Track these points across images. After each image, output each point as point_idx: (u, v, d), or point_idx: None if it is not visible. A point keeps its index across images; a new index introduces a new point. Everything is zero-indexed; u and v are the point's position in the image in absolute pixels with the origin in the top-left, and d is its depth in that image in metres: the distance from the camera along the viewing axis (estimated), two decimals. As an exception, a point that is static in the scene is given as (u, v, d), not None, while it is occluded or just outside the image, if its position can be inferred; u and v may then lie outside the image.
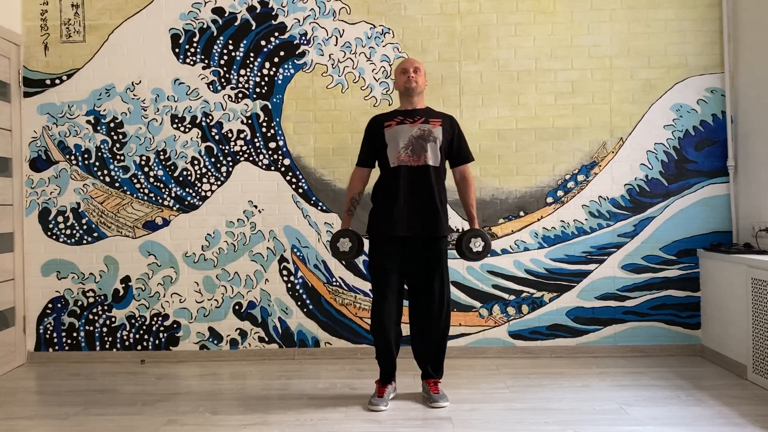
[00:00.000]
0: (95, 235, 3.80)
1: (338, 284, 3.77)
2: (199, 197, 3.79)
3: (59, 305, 3.81)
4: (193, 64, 3.78)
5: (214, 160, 3.78)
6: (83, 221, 3.80)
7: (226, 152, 3.78)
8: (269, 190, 3.78)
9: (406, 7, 3.74)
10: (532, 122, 3.74)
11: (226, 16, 3.77)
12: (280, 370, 3.54)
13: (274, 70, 3.77)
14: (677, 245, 3.70)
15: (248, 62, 3.77)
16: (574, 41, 3.72)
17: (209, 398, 3.05)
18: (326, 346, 3.77)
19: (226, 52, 3.77)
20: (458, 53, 3.75)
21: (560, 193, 3.73)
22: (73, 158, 3.80)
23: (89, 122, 3.80)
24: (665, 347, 3.68)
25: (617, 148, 3.72)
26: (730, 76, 3.66)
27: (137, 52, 3.78)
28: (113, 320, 3.80)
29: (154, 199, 3.79)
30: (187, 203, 3.79)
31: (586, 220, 3.73)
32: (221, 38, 3.77)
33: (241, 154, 3.78)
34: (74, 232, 3.80)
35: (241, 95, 3.77)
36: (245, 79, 3.77)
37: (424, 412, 2.80)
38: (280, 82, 3.77)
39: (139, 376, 3.48)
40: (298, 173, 3.78)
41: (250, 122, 3.77)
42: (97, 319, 3.81)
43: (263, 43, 3.77)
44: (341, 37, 3.76)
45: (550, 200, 3.74)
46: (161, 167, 3.79)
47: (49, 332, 3.81)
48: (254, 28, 3.77)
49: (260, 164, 3.78)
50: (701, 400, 2.88)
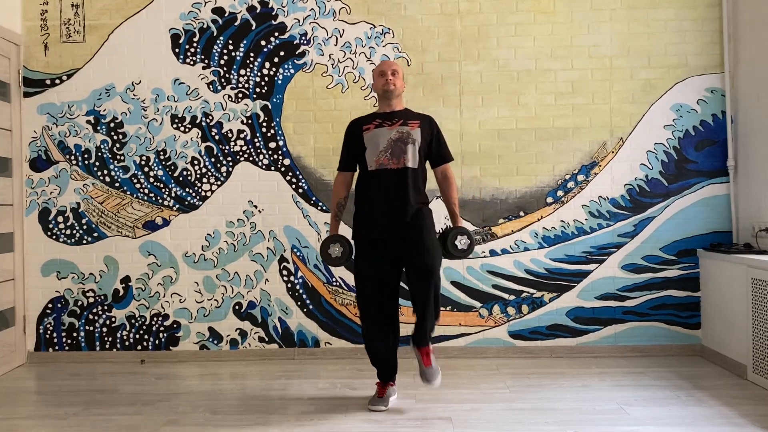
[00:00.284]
0: (95, 235, 3.80)
1: (338, 284, 3.77)
2: (199, 197, 3.79)
3: (59, 305, 3.81)
4: (193, 64, 3.78)
5: (214, 160, 3.78)
6: (83, 221, 3.80)
7: (226, 152, 3.78)
8: (269, 190, 3.78)
9: (406, 7, 3.74)
10: (532, 122, 3.74)
11: (226, 16, 3.77)
12: (280, 370, 3.54)
13: (274, 70, 3.77)
14: (677, 245, 3.70)
15: (248, 62, 3.77)
16: (574, 41, 3.72)
17: (209, 398, 3.05)
18: (326, 346, 3.77)
19: (226, 52, 3.77)
20: (458, 53, 3.75)
21: (560, 193, 3.73)
22: (73, 158, 3.80)
23: (89, 122, 3.80)
24: (665, 347, 3.68)
25: (617, 148, 3.72)
26: (730, 76, 3.66)
27: (137, 52, 3.78)
28: (113, 320, 3.80)
29: (154, 199, 3.79)
30: (187, 203, 3.79)
31: (586, 220, 3.73)
32: (221, 38, 3.77)
33: (241, 154, 3.78)
34: (74, 232, 3.80)
35: (241, 95, 3.77)
36: (245, 79, 3.77)
37: (424, 412, 2.80)
38: (280, 82, 3.77)
39: (139, 376, 3.48)
40: (298, 173, 3.78)
41: (250, 122, 3.77)
42: (97, 319, 3.81)
43: (263, 43, 3.77)
44: (341, 37, 3.76)
45: (550, 200, 3.74)
46: (161, 167, 3.79)
47: (49, 332, 3.81)
48: (254, 28, 3.77)
49: (260, 164, 3.78)
50: (701, 400, 2.88)
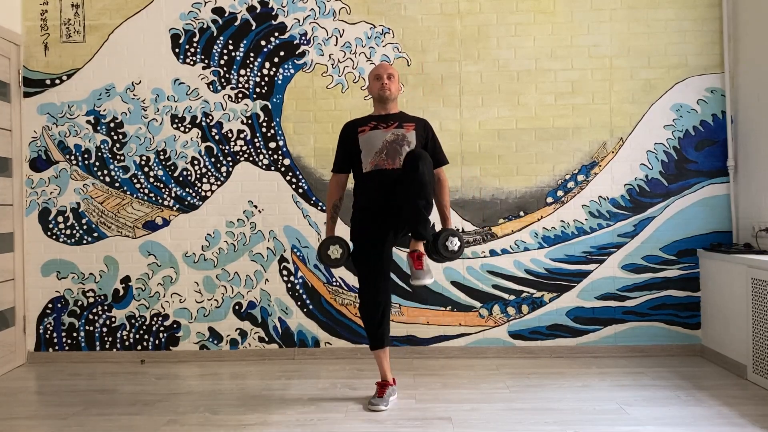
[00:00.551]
0: (95, 235, 3.80)
1: (338, 284, 3.77)
2: (199, 197, 3.79)
3: (59, 305, 3.81)
4: (193, 64, 3.78)
5: (214, 160, 3.78)
6: (83, 221, 3.80)
7: (226, 152, 3.78)
8: (269, 190, 3.78)
9: (406, 7, 3.74)
10: (532, 122, 3.74)
11: (226, 16, 3.77)
12: (280, 370, 3.54)
13: (274, 70, 3.77)
14: (677, 245, 3.70)
15: (248, 62, 3.77)
16: (574, 41, 3.72)
17: (209, 398, 3.05)
18: (326, 346, 3.77)
19: (226, 52, 3.77)
20: (458, 53, 3.75)
21: (560, 193, 3.73)
22: (73, 158, 3.80)
23: (89, 122, 3.80)
24: (665, 347, 3.68)
25: (617, 148, 3.72)
26: (730, 76, 3.66)
27: (137, 52, 3.78)
28: (113, 320, 3.80)
29: (154, 199, 3.79)
30: (187, 203, 3.79)
31: (586, 220, 3.72)
32: (221, 38, 3.77)
33: (241, 154, 3.78)
34: (74, 232, 3.80)
35: (241, 95, 3.77)
36: (245, 79, 3.77)
37: (424, 412, 2.80)
38: (280, 82, 3.77)
39: (139, 376, 3.48)
40: (298, 173, 3.78)
41: (250, 122, 3.77)
42: (97, 319, 3.80)
43: (263, 43, 3.77)
44: (341, 37, 3.76)
45: (550, 200, 3.74)
46: (161, 167, 3.79)
47: (49, 332, 3.81)
48: (254, 28, 3.77)
49: (260, 164, 3.78)
50: (701, 400, 2.88)
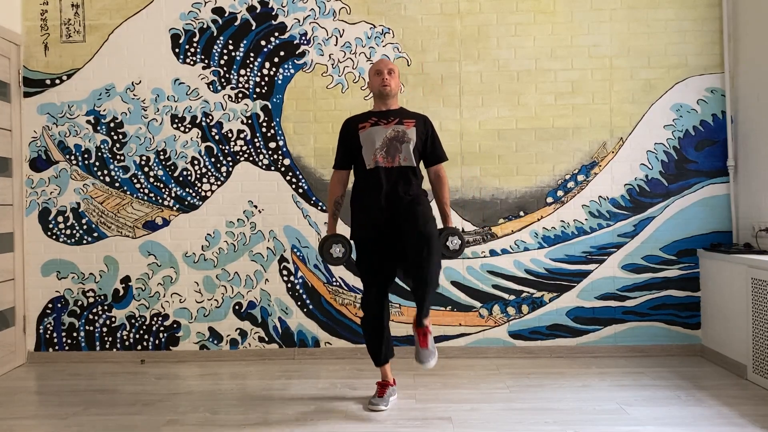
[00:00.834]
0: (95, 235, 3.80)
1: (338, 284, 3.77)
2: (199, 197, 3.79)
3: (59, 305, 3.81)
4: (193, 64, 3.78)
5: (214, 160, 3.78)
6: (83, 221, 3.80)
7: (226, 152, 3.78)
8: (269, 190, 3.78)
9: (406, 7, 3.74)
10: (532, 122, 3.74)
11: (226, 16, 3.77)
12: (280, 370, 3.54)
13: (274, 70, 3.77)
14: (677, 245, 3.70)
15: (248, 62, 3.77)
16: (574, 41, 3.72)
17: (209, 398, 3.05)
18: (326, 346, 3.77)
19: (226, 52, 3.77)
20: (458, 53, 3.75)
21: (560, 193, 3.73)
22: (73, 158, 3.80)
23: (89, 122, 3.80)
24: (665, 347, 3.68)
25: (617, 148, 3.72)
26: (730, 76, 3.66)
27: (137, 52, 3.78)
28: (113, 320, 3.80)
29: (154, 199, 3.79)
30: (187, 203, 3.79)
31: (586, 220, 3.73)
32: (221, 38, 3.77)
33: (241, 154, 3.78)
34: (74, 232, 3.80)
35: (241, 95, 3.77)
36: (245, 79, 3.77)
37: (423, 412, 2.80)
38: (280, 82, 3.77)
39: (139, 376, 3.48)
40: (298, 173, 3.78)
41: (250, 122, 3.77)
42: (97, 319, 3.81)
43: (263, 43, 3.77)
44: (341, 37, 3.76)
45: (550, 200, 3.74)
46: (161, 167, 3.79)
47: (49, 332, 3.81)
48: (254, 28, 3.77)
49: (260, 164, 3.78)
50: (701, 400, 2.88)
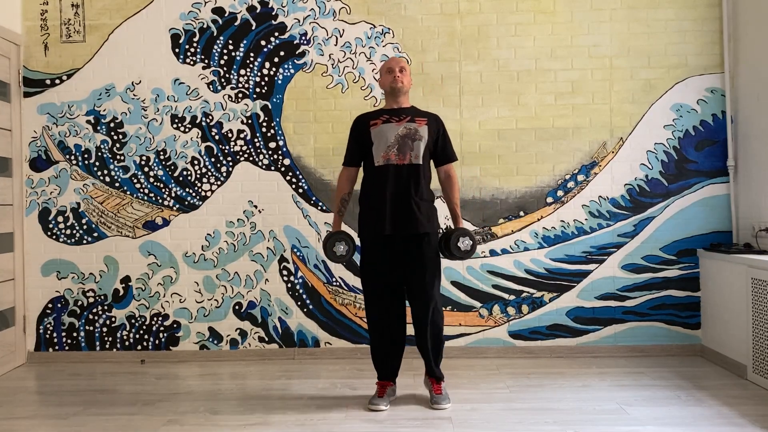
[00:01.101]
0: (95, 235, 3.80)
1: (338, 284, 3.77)
2: (199, 197, 3.79)
3: (59, 305, 3.81)
4: (193, 64, 3.78)
5: (214, 160, 3.78)
6: (83, 221, 3.80)
7: (226, 152, 3.78)
8: (269, 190, 3.78)
9: (406, 7, 3.74)
10: (532, 122, 3.74)
11: (226, 16, 3.77)
12: (280, 370, 3.54)
13: (274, 70, 3.77)
14: (677, 245, 3.70)
15: (248, 62, 3.77)
16: (574, 41, 3.72)
17: (209, 398, 3.05)
18: (326, 346, 3.77)
19: (226, 52, 3.77)
20: (458, 53, 3.75)
21: (560, 193, 3.73)
22: (73, 158, 3.80)
23: (89, 122, 3.80)
24: (665, 347, 3.68)
25: (617, 148, 3.72)
26: (730, 76, 3.66)
27: (137, 52, 3.78)
28: (113, 320, 3.80)
29: (154, 199, 3.79)
30: (187, 203, 3.79)
31: (586, 220, 3.73)
32: (221, 38, 3.77)
33: (241, 154, 3.78)
34: (74, 232, 3.80)
35: (241, 95, 3.77)
36: (245, 79, 3.77)
37: (424, 412, 2.80)
38: (280, 82, 3.77)
39: (139, 376, 3.48)
40: (298, 173, 3.78)
41: (250, 122, 3.77)
42: (97, 319, 3.81)
43: (263, 43, 3.77)
44: (341, 37, 3.76)
45: (550, 200, 3.74)
46: (161, 167, 3.79)
47: (49, 332, 3.81)
48: (254, 28, 3.77)
49: (260, 164, 3.78)
50: (701, 400, 2.88)
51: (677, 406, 2.81)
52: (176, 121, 3.78)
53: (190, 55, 3.78)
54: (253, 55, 3.77)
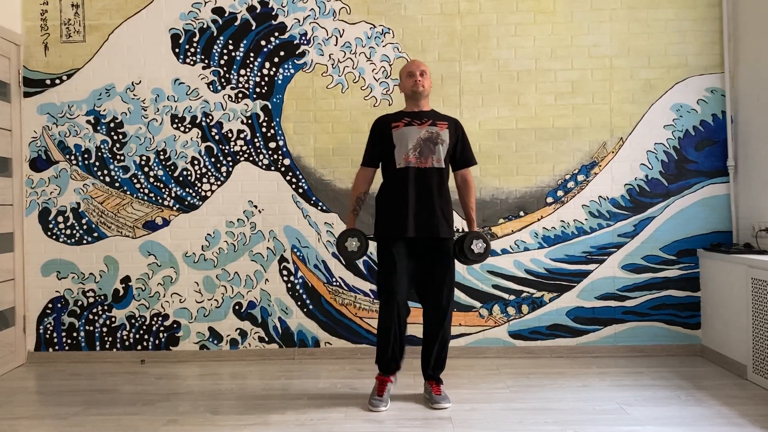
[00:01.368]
0: (95, 235, 3.80)
1: (338, 284, 3.77)
2: (199, 197, 3.79)
3: (59, 305, 3.81)
4: (193, 64, 3.78)
5: (214, 160, 3.78)
6: (83, 221, 3.80)
7: (226, 152, 3.78)
8: (269, 190, 3.78)
9: (406, 7, 3.74)
10: (532, 122, 3.74)
11: (226, 16, 3.77)
12: (280, 370, 3.54)
13: (274, 70, 3.77)
14: (677, 245, 3.70)
15: (248, 62, 3.77)
16: (574, 41, 3.72)
17: (209, 398, 3.05)
18: (326, 346, 3.77)
19: (226, 52, 3.77)
20: (458, 53, 3.75)
21: (560, 193, 3.73)
22: (73, 158, 3.80)
23: (89, 122, 3.80)
24: (665, 347, 3.68)
25: (617, 148, 3.72)
26: (730, 76, 3.66)
27: (137, 52, 3.78)
28: (113, 320, 3.80)
29: (154, 199, 3.79)
30: (187, 203, 3.79)
31: (586, 220, 3.73)
32: (221, 38, 3.77)
33: (241, 154, 3.78)
34: (74, 232, 3.80)
35: (241, 95, 3.77)
36: (245, 79, 3.77)
37: (424, 412, 2.80)
38: (280, 82, 3.77)
39: (139, 376, 3.48)
40: (298, 173, 3.78)
41: (250, 122, 3.77)
42: (97, 319, 3.81)
43: (263, 43, 3.77)
44: (341, 37, 3.76)
45: (550, 200, 3.74)
46: (161, 167, 3.79)
47: (49, 332, 3.81)
48: (254, 28, 3.77)
49: (260, 164, 3.78)
50: (701, 400, 2.88)
51: (677, 406, 2.81)
52: (176, 121, 3.78)
53: (190, 55, 3.78)
54: (253, 55, 3.77)
